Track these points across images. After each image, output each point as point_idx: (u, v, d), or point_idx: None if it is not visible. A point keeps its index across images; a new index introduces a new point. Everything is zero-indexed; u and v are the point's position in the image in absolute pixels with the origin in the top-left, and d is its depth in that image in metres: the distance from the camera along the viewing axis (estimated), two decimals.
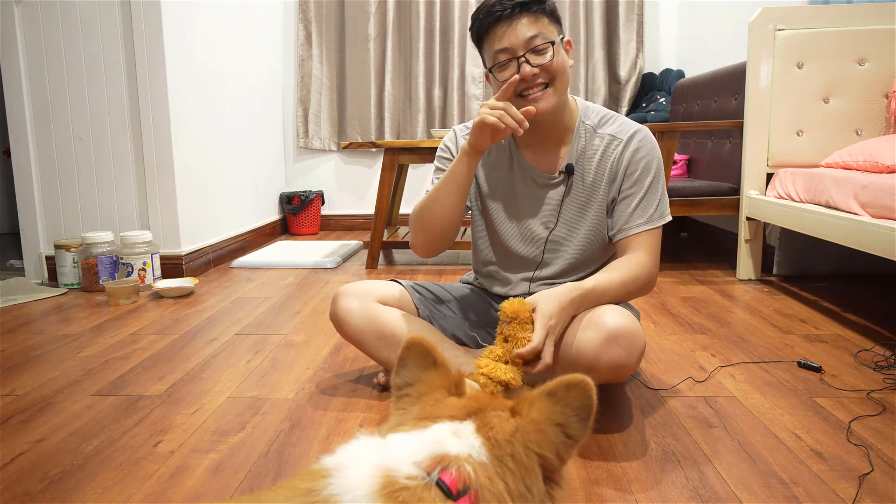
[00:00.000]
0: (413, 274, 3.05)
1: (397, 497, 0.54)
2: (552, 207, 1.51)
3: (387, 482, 0.55)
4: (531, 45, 1.35)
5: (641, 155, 1.45)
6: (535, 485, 0.62)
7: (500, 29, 1.36)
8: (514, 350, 1.23)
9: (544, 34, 1.36)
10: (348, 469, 0.57)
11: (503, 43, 1.36)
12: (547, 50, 1.36)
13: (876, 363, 1.74)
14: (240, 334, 2.13)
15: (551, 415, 0.64)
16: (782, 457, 1.26)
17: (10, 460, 1.30)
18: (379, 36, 4.42)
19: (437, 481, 0.56)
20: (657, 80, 4.24)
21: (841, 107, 2.60)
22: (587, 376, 0.65)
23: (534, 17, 1.35)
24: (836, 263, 2.79)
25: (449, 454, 0.58)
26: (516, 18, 1.35)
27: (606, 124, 1.49)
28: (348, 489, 0.55)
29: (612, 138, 1.47)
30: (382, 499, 0.54)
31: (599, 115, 1.50)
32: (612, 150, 1.46)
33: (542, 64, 1.36)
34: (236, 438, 1.38)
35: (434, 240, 1.50)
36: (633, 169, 1.44)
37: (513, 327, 1.26)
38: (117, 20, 2.87)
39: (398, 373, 0.71)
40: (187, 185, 3.06)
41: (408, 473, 0.56)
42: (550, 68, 1.37)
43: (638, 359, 1.31)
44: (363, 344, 1.55)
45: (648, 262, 1.42)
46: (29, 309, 2.53)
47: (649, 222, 1.44)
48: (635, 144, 1.45)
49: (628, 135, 1.46)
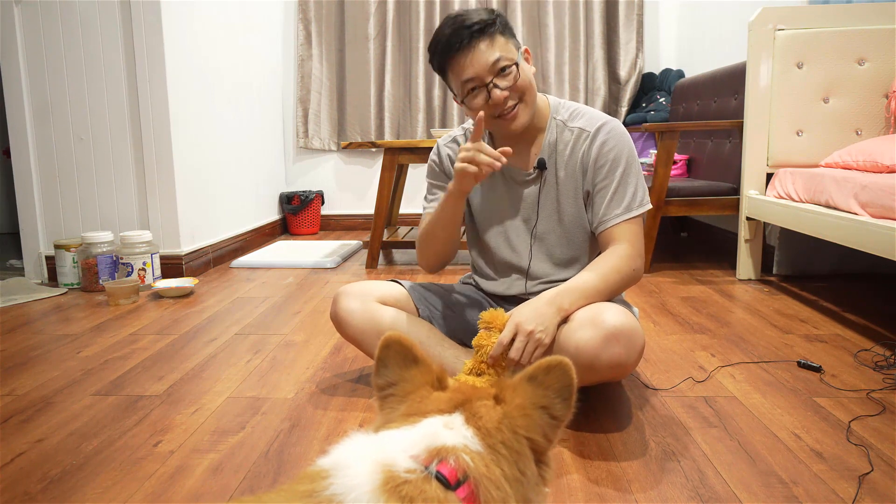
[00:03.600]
0: (413, 274, 3.05)
1: (400, 491, 0.55)
2: (531, 203, 1.54)
3: (388, 478, 0.56)
4: (494, 69, 1.38)
5: (609, 147, 1.46)
6: (528, 468, 0.64)
7: (462, 59, 1.38)
8: (483, 356, 1.30)
9: (505, 55, 1.38)
10: (347, 468, 0.57)
11: (468, 73, 1.39)
12: (511, 70, 1.39)
13: (876, 363, 1.74)
14: (240, 334, 2.13)
15: (534, 398, 0.66)
16: (782, 457, 1.26)
17: (10, 460, 1.30)
18: (379, 36, 4.42)
19: (436, 474, 0.57)
20: (657, 80, 4.24)
21: (841, 107, 2.60)
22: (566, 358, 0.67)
23: (490, 40, 1.38)
24: (836, 263, 2.79)
25: (445, 446, 0.60)
26: (474, 45, 1.37)
27: (576, 118, 1.51)
28: (350, 488, 0.55)
29: (580, 131, 1.49)
30: (385, 494, 0.54)
31: (570, 109, 1.53)
32: (580, 143, 1.49)
33: (510, 86, 1.39)
34: (236, 438, 1.38)
35: (438, 262, 1.62)
36: (603, 161, 1.46)
37: (481, 335, 1.32)
38: (117, 20, 2.87)
39: (379, 373, 0.71)
40: (187, 185, 3.06)
41: (407, 468, 0.57)
42: (518, 87, 1.40)
43: (637, 357, 1.31)
44: (363, 344, 1.55)
45: (630, 251, 1.44)
46: (29, 309, 2.53)
47: (627, 211, 1.46)
48: (602, 137, 1.47)
49: (595, 127, 1.48)
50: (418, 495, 0.55)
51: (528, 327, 1.28)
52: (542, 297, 1.37)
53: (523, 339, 1.27)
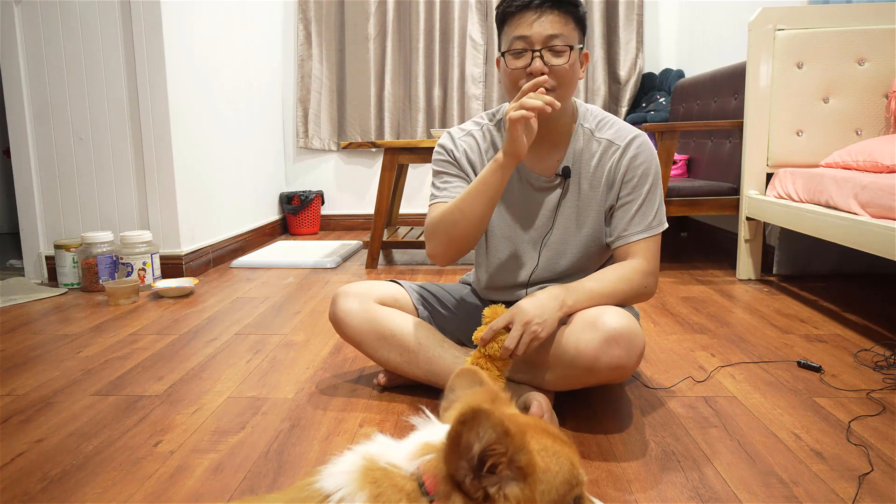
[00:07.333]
0: (413, 274, 3.05)
1: (372, 475, 0.59)
2: (548, 211, 1.49)
3: (368, 465, 0.60)
4: (550, 42, 1.33)
5: (640, 161, 1.43)
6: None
7: (527, 16, 1.33)
8: (480, 350, 1.30)
9: (566, 37, 1.34)
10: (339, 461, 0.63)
11: (524, 31, 1.33)
12: (564, 53, 1.34)
13: (876, 363, 1.74)
14: (240, 334, 2.13)
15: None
16: (782, 456, 1.26)
17: (10, 460, 1.30)
18: (379, 36, 4.42)
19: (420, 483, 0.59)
20: (657, 79, 4.24)
21: (841, 107, 2.60)
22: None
23: (562, 17, 1.33)
24: (835, 263, 2.79)
25: (430, 443, 0.62)
26: (546, 12, 1.32)
27: (605, 128, 1.47)
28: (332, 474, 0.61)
29: (609, 143, 1.45)
30: (359, 476, 0.59)
31: (598, 118, 1.48)
32: (609, 156, 1.45)
33: (555, 65, 1.34)
34: (236, 438, 1.38)
35: (458, 250, 1.46)
36: (631, 176, 1.43)
37: (479, 330, 1.32)
38: (117, 20, 2.87)
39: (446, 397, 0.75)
40: (187, 185, 3.06)
41: (391, 462, 0.60)
42: (560, 73, 1.35)
43: (637, 359, 1.31)
44: (362, 345, 1.54)
45: (646, 267, 1.42)
46: (29, 309, 2.53)
47: (648, 229, 1.43)
48: (633, 151, 1.43)
49: (626, 140, 1.44)
50: (385, 480, 0.58)
51: (525, 317, 1.27)
52: (546, 291, 1.35)
53: (519, 329, 1.27)
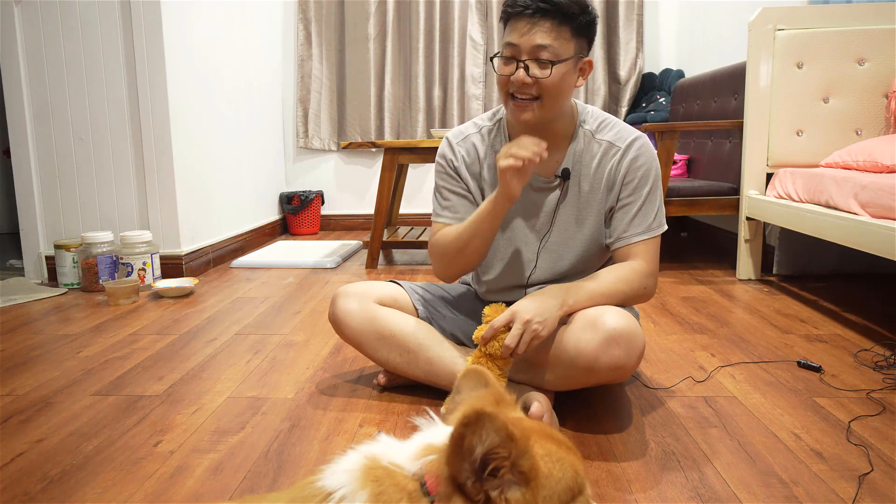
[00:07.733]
0: (413, 274, 3.05)
1: (374, 474, 0.59)
2: (547, 212, 1.49)
3: (371, 464, 0.60)
4: (537, 53, 1.33)
5: (640, 163, 1.43)
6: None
7: (521, 23, 1.33)
8: (481, 349, 1.31)
9: (555, 49, 1.33)
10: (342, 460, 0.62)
11: (514, 38, 1.34)
12: (547, 66, 1.34)
13: (876, 363, 1.74)
14: (240, 334, 2.13)
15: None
16: (782, 456, 1.26)
17: (9, 460, 1.30)
18: (379, 36, 4.42)
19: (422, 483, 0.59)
20: (657, 79, 4.24)
21: (841, 107, 2.60)
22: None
23: (555, 28, 1.32)
24: (835, 263, 2.79)
25: (432, 444, 0.62)
26: (538, 22, 1.32)
27: (605, 129, 1.47)
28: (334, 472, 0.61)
29: (609, 145, 1.45)
30: (361, 475, 0.59)
31: (598, 119, 1.48)
32: (610, 157, 1.45)
33: (536, 77, 1.34)
34: (236, 438, 1.38)
35: (464, 271, 1.53)
36: (632, 177, 1.43)
37: (480, 329, 1.32)
38: (117, 20, 2.87)
39: (452, 398, 0.75)
40: (187, 185, 3.06)
41: (394, 461, 0.61)
42: (544, 85, 1.35)
43: (637, 360, 1.31)
44: (362, 345, 1.54)
45: (646, 268, 1.42)
46: (29, 309, 2.53)
47: (648, 231, 1.43)
48: (634, 153, 1.43)
49: (627, 142, 1.44)
50: (387, 479, 0.59)
51: (525, 316, 1.28)
52: (547, 290, 1.36)
53: (520, 328, 1.27)
